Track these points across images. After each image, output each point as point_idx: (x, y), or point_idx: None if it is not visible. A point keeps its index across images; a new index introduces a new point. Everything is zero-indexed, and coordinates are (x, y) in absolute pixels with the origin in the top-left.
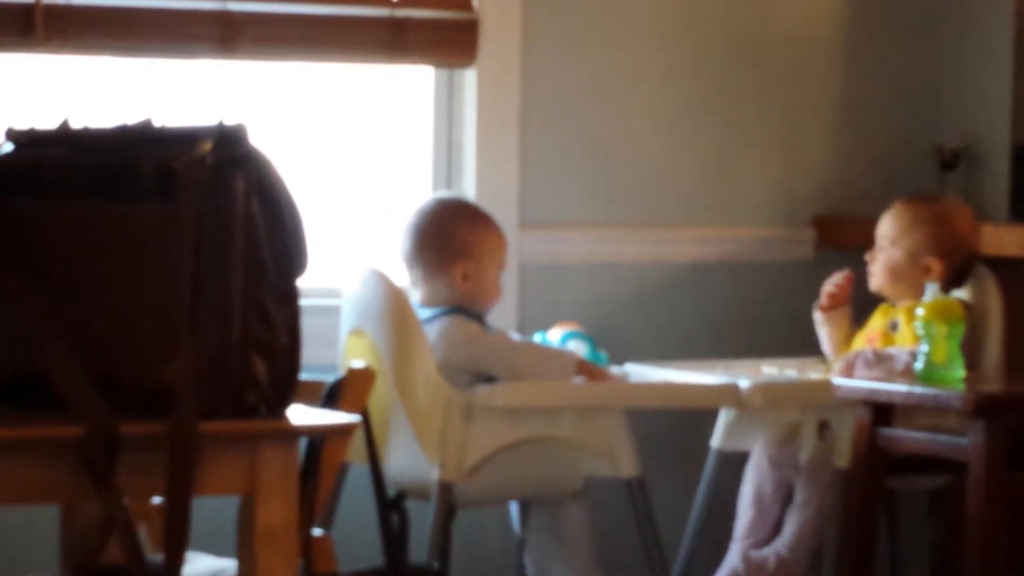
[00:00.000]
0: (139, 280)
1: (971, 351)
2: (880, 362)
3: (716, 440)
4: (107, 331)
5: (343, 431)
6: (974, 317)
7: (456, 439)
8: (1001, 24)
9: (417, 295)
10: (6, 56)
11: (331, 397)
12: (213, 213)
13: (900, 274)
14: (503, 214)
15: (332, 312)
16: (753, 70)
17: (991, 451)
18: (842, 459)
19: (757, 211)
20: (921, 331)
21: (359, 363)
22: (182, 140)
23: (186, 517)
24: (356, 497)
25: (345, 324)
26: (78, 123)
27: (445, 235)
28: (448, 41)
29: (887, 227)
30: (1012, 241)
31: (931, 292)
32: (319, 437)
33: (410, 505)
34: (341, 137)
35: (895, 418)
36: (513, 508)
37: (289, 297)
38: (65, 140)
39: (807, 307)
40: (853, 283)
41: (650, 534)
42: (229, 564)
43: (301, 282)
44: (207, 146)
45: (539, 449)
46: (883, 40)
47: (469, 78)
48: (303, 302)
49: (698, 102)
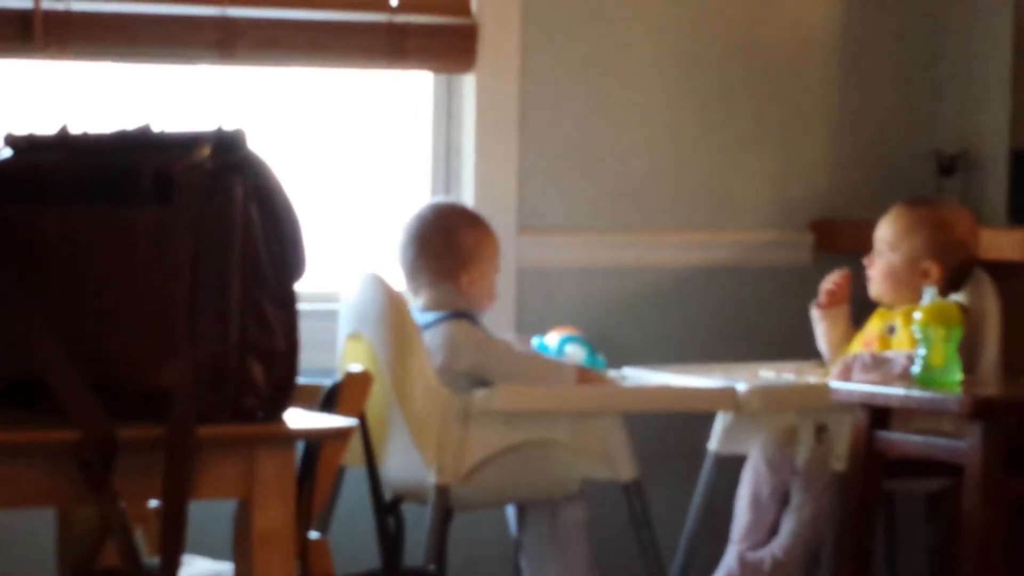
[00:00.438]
0: (137, 284)
1: (968, 354)
2: (877, 365)
3: (713, 443)
4: (104, 335)
5: (340, 435)
6: (971, 320)
7: (453, 443)
8: (999, 29)
9: (419, 300)
10: (5, 62)
11: (329, 401)
12: (211, 218)
13: (899, 278)
14: (501, 219)
15: (330, 316)
16: (751, 75)
17: (988, 454)
18: (839, 462)
19: (755, 215)
20: (919, 334)
21: (357, 367)
22: (180, 145)
23: (183, 521)
24: (353, 501)
25: (343, 328)
26: (77, 128)
27: (451, 242)
28: (447, 47)
29: (885, 231)
30: (1010, 245)
31: (929, 296)
32: (316, 441)
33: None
34: (340, 142)
35: (892, 421)
36: (510, 511)
37: (287, 301)
38: (64, 145)
39: (805, 311)
40: (851, 281)
41: (647, 537)
42: (226, 567)
43: (299, 286)
44: (205, 151)
45: (536, 453)
46: (881, 44)
47: (468, 83)
48: (301, 306)
49: (696, 107)
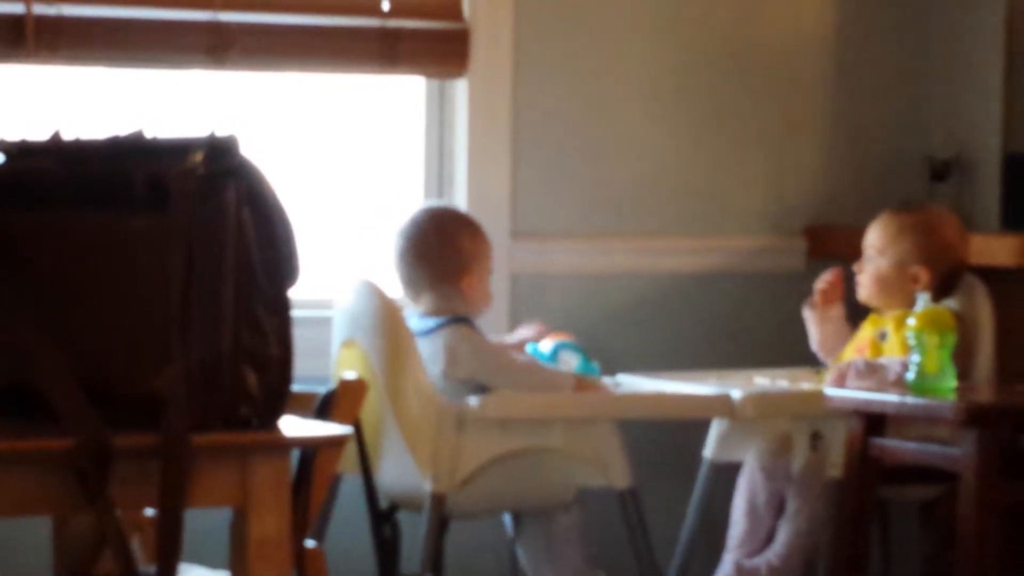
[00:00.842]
0: (130, 291)
1: (962, 361)
2: (872, 372)
3: (708, 451)
4: (99, 342)
5: (335, 443)
6: (965, 327)
7: (448, 450)
8: (992, 34)
9: (419, 305)
10: None
11: (323, 408)
12: (204, 223)
13: (888, 284)
14: (494, 224)
15: (324, 323)
16: (744, 81)
17: (983, 461)
18: (834, 469)
19: (748, 221)
20: (912, 341)
21: (351, 374)
22: (173, 151)
23: (179, 529)
24: (349, 509)
25: (337, 335)
26: (69, 134)
27: (451, 248)
28: (439, 52)
29: (874, 237)
30: (1003, 251)
31: (922, 302)
32: (311, 449)
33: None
34: (333, 148)
35: (887, 428)
36: (507, 519)
37: (280, 307)
38: (56, 151)
39: (799, 317)
40: (844, 280)
41: (643, 545)
42: None
43: (293, 293)
44: (198, 157)
45: (531, 460)
46: (874, 50)
47: (460, 88)
48: (295, 313)
49: (689, 113)
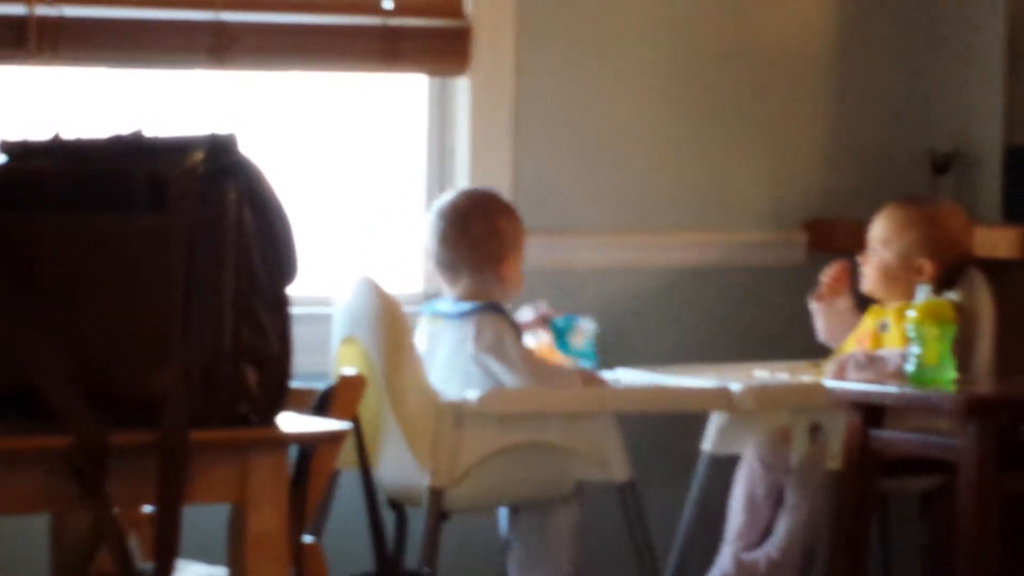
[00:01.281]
0: (130, 289)
1: (962, 353)
2: (871, 364)
3: (708, 444)
4: (99, 341)
5: (334, 438)
6: (965, 319)
7: (447, 445)
8: (992, 27)
9: (455, 288)
10: None
11: (322, 404)
12: (204, 222)
13: (892, 276)
14: None
15: (323, 320)
16: (745, 75)
17: (982, 452)
18: (834, 461)
19: (749, 215)
20: (912, 333)
21: (350, 371)
22: (174, 150)
23: (177, 525)
24: (347, 504)
25: (337, 332)
26: (70, 134)
27: (493, 231)
28: (441, 49)
29: (879, 229)
30: (1003, 243)
31: (923, 294)
32: (310, 445)
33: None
34: (334, 146)
35: (886, 420)
36: (502, 513)
37: (280, 305)
38: (57, 151)
39: (799, 311)
40: (850, 273)
41: (642, 538)
42: (220, 572)
43: (292, 290)
44: (199, 156)
45: (530, 455)
46: (874, 44)
47: (462, 86)
48: (294, 310)
49: (690, 108)
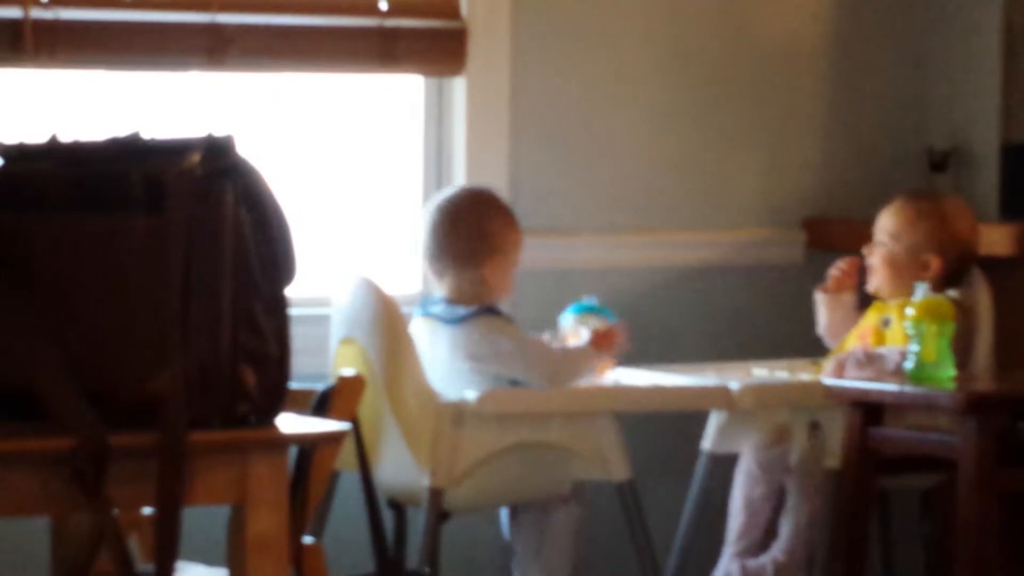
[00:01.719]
0: (128, 291)
1: (961, 350)
2: (870, 362)
3: (707, 443)
4: (96, 342)
5: (333, 439)
6: (964, 316)
7: (446, 446)
8: (989, 24)
9: (441, 286)
10: None
11: (321, 405)
12: (202, 224)
13: (899, 269)
14: None
15: (322, 321)
16: (742, 74)
17: (981, 449)
18: (833, 459)
19: (747, 214)
20: (911, 330)
21: (349, 371)
22: (170, 152)
23: (177, 527)
24: (347, 505)
25: (336, 333)
26: (67, 136)
27: (480, 230)
28: (437, 50)
29: (889, 222)
30: (1001, 240)
31: (921, 291)
32: (309, 445)
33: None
34: (331, 147)
35: (886, 418)
36: (503, 514)
37: (278, 306)
38: (54, 154)
39: (797, 309)
40: (859, 270)
41: (642, 538)
42: (220, 574)
43: (290, 291)
44: (196, 157)
45: (530, 454)
46: (871, 42)
47: (458, 87)
48: (293, 311)
49: (687, 107)
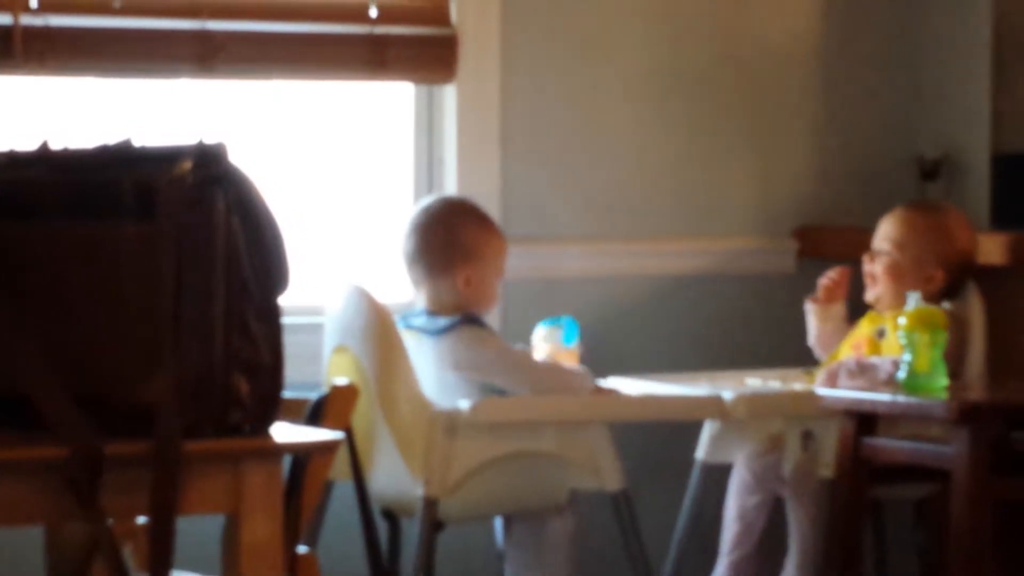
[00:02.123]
0: (120, 299)
1: (954, 359)
2: (863, 372)
3: (701, 452)
4: (89, 351)
5: (327, 448)
6: (957, 325)
7: (440, 455)
8: (979, 33)
9: (420, 298)
10: None
11: (315, 414)
12: (194, 232)
13: (903, 279)
14: None
15: (315, 330)
16: (733, 82)
17: (975, 459)
18: (826, 469)
19: (738, 223)
20: (903, 340)
21: (342, 380)
22: (162, 159)
23: (171, 536)
24: (341, 514)
25: (329, 341)
26: (58, 144)
27: (451, 237)
28: (427, 57)
29: (893, 231)
30: (993, 249)
31: (913, 301)
32: (303, 454)
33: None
34: (322, 154)
35: (879, 427)
36: (497, 523)
37: (271, 314)
38: (45, 161)
39: (790, 318)
40: (850, 280)
41: (636, 547)
42: None
43: (283, 299)
44: (187, 165)
45: (523, 464)
46: (862, 51)
47: (449, 94)
48: (286, 320)
49: (678, 115)
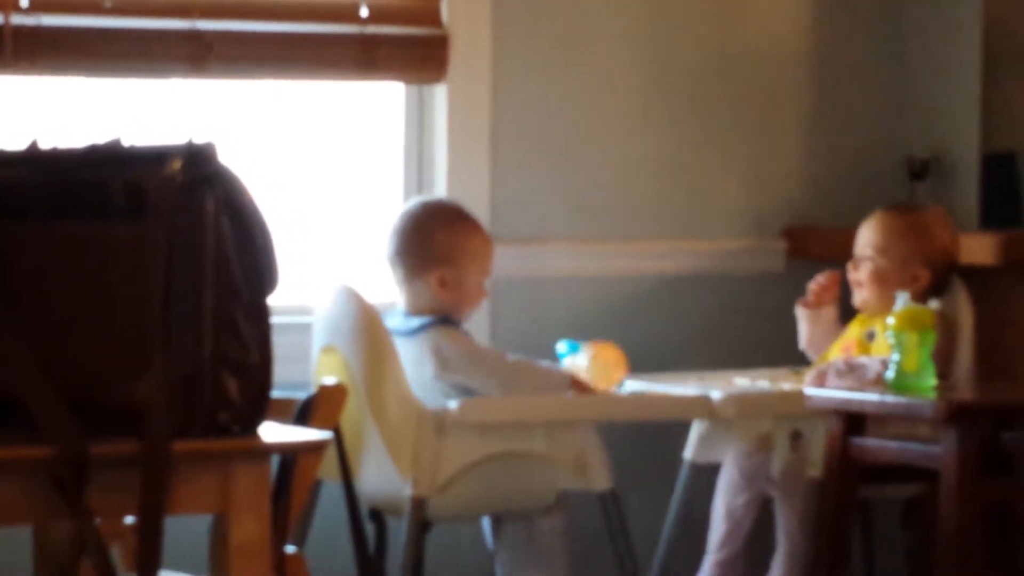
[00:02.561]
0: (109, 299)
1: (942, 360)
2: (852, 372)
3: (689, 452)
4: (78, 351)
5: (315, 448)
6: (945, 325)
7: (428, 455)
8: (969, 33)
9: (400, 300)
10: None
11: (303, 414)
12: (183, 232)
13: (888, 283)
14: None
15: (303, 329)
16: (723, 83)
17: (963, 459)
18: (815, 469)
19: (728, 223)
20: (892, 340)
21: (331, 380)
22: (151, 159)
23: (159, 536)
24: (330, 514)
25: (317, 341)
26: (47, 143)
27: (423, 240)
28: (418, 57)
29: (873, 236)
30: (982, 250)
31: (902, 301)
32: (291, 454)
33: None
34: (312, 154)
35: (867, 427)
36: (486, 523)
37: (260, 314)
38: (34, 161)
39: (779, 318)
40: (839, 284)
41: (624, 547)
42: None
43: (272, 299)
44: (176, 165)
45: (512, 464)
46: (852, 51)
47: (439, 94)
48: (274, 319)
49: (668, 115)
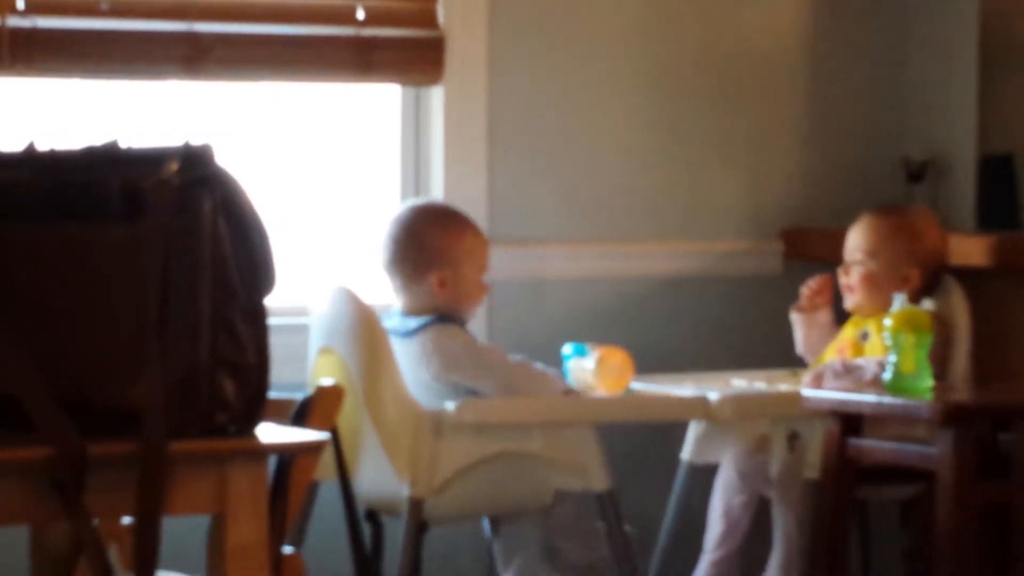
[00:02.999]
0: (106, 301)
1: (939, 361)
2: (848, 373)
3: (686, 453)
4: (75, 352)
5: (312, 449)
6: (942, 327)
7: (426, 455)
8: (966, 35)
9: (399, 303)
10: None
11: (300, 415)
12: (180, 233)
13: (879, 286)
14: None
15: (300, 331)
16: (720, 84)
17: (960, 460)
18: (812, 470)
19: (725, 225)
20: (889, 341)
21: (328, 381)
22: (148, 161)
23: (156, 537)
24: (327, 515)
25: (314, 342)
26: (44, 145)
27: (417, 244)
28: (414, 59)
29: (862, 239)
30: (979, 251)
31: (899, 302)
32: (288, 455)
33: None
34: (309, 156)
35: (864, 428)
36: (486, 524)
37: (257, 315)
38: (31, 162)
39: (776, 320)
40: (832, 286)
41: (621, 547)
42: None
43: (269, 300)
44: (173, 166)
45: (509, 464)
46: (849, 53)
47: (436, 96)
48: (271, 320)
49: (665, 117)
